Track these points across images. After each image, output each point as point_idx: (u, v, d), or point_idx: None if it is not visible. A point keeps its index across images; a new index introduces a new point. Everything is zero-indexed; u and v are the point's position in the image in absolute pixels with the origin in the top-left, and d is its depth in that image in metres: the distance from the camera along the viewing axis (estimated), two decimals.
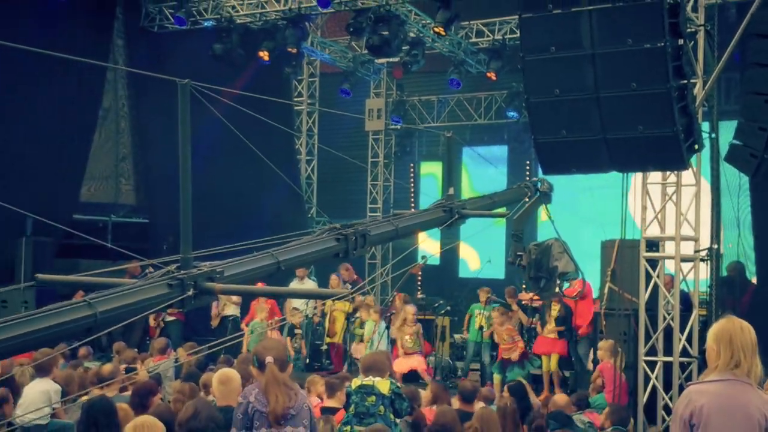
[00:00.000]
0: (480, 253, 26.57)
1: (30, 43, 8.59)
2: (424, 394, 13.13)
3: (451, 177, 10.95)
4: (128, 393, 10.79)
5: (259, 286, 7.65)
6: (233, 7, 24.27)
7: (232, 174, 23.71)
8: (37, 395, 10.28)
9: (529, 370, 18.55)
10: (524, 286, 18.55)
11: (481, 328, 19.50)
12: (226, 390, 8.92)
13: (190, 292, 5.60)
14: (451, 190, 9.70)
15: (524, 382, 15.29)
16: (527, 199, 12.32)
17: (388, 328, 19.06)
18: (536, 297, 18.11)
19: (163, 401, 10.96)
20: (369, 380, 10.10)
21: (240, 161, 18.76)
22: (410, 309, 19.44)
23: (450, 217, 9.28)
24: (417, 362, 18.42)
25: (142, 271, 5.97)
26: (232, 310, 21.35)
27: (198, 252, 6.07)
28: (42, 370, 10.92)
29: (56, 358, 11.79)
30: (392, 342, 19.21)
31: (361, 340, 19.49)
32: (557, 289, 11.13)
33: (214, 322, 21.44)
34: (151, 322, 21.27)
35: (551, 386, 18.12)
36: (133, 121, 25.62)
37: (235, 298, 20.77)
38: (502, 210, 10.79)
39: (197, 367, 13.92)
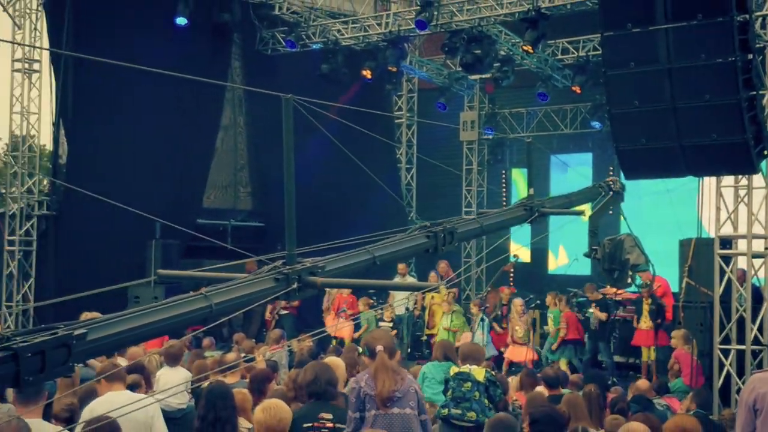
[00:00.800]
0: (566, 250, 26.65)
1: (156, 65, 8.84)
2: (513, 381, 13.29)
3: (531, 178, 11.02)
4: (247, 380, 10.98)
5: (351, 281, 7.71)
6: (339, 31, 24.62)
7: (341, 182, 24.03)
8: (178, 382, 10.49)
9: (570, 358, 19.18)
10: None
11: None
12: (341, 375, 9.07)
13: (295, 285, 5.69)
14: (531, 191, 9.75)
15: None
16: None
17: (483, 320, 19.32)
18: (620, 291, 18.32)
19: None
20: (466, 368, 10.23)
21: (347, 170, 19.01)
22: (518, 301, 19.90)
23: (531, 215, 9.32)
24: (530, 355, 18.70)
25: (258, 268, 6.12)
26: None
27: (302, 249, 6.22)
28: (173, 359, 11.17)
29: (183, 348, 12.08)
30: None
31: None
32: (629, 281, 11.18)
33: (325, 315, 21.79)
34: (267, 315, 21.68)
35: (648, 374, 18.44)
36: (249, 134, 26.05)
37: (344, 292, 21.07)
38: (579, 208, 10.82)
39: (309, 355, 14.17)
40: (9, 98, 22.00)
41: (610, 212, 12.10)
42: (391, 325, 21.12)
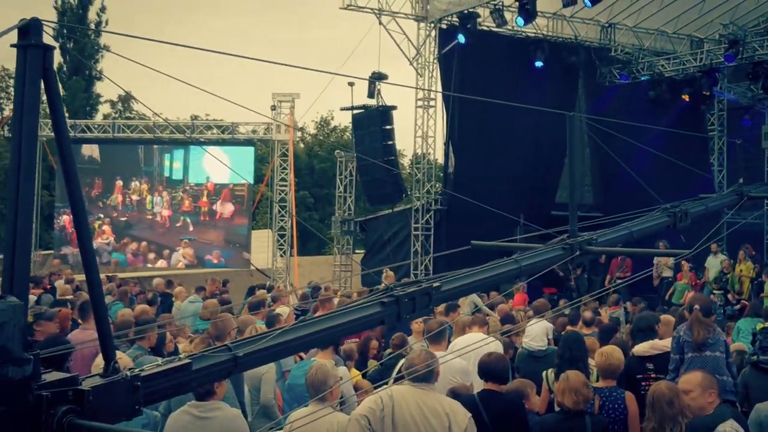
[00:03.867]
0: None
1: (520, 97, 9.25)
2: None
3: (740, 171, 10.44)
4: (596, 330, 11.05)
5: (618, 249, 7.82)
6: (662, 65, 24.39)
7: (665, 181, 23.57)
8: (540, 330, 10.72)
9: None
10: None
11: None
12: (667, 330, 9.09)
13: (578, 253, 5.96)
14: (741, 180, 9.53)
15: None
16: None
17: None
18: None
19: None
20: None
21: (667, 173, 18.58)
22: None
23: (740, 199, 9.17)
24: None
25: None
26: (668, 272, 21.16)
27: (582, 223, 6.59)
28: (538, 312, 11.36)
29: (546, 304, 12.28)
30: None
31: None
32: None
33: (655, 282, 21.31)
34: (606, 282, 21.50)
35: None
36: (591, 147, 25.84)
37: (670, 261, 20.56)
38: None
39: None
40: (413, 127, 23.35)
41: None
42: None
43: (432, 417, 5.25)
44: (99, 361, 3.59)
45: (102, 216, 27.21)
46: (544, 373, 8.34)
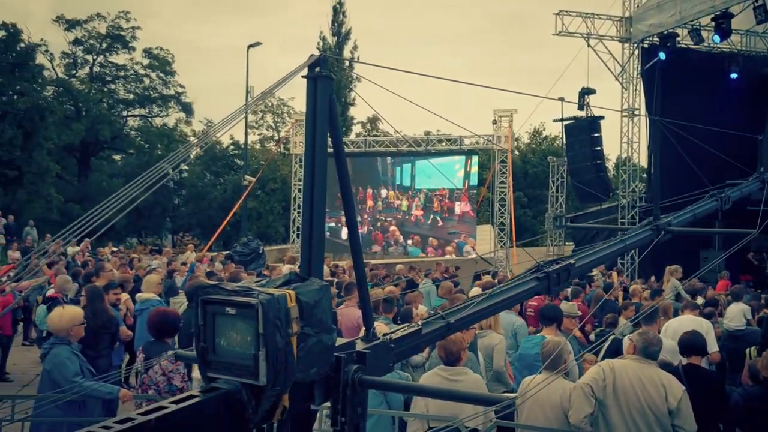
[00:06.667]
0: None
1: (712, 106, 8.47)
2: None
3: (762, 161, 9.07)
4: None
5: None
6: None
7: None
8: (738, 311, 10.13)
9: None
10: None
11: None
12: None
13: (662, 233, 5.66)
14: (762, 168, 8.59)
15: None
16: None
17: None
18: None
19: None
20: None
21: None
22: None
23: (762, 185, 8.45)
24: None
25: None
26: None
27: (665, 202, 6.43)
28: (737, 297, 10.65)
29: (742, 290, 11.51)
30: None
31: None
32: None
33: None
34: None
35: None
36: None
37: None
38: None
39: None
40: (619, 133, 23.00)
41: None
42: None
43: (650, 387, 5.17)
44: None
45: (383, 218, 28.71)
46: (747, 350, 7.94)
